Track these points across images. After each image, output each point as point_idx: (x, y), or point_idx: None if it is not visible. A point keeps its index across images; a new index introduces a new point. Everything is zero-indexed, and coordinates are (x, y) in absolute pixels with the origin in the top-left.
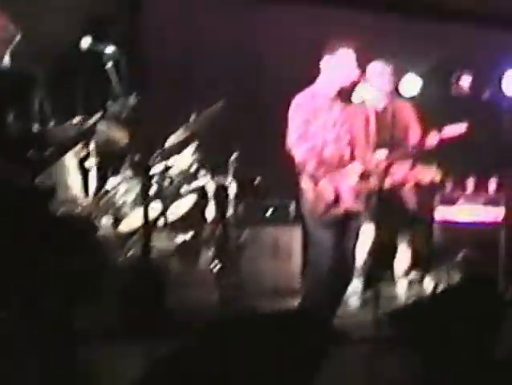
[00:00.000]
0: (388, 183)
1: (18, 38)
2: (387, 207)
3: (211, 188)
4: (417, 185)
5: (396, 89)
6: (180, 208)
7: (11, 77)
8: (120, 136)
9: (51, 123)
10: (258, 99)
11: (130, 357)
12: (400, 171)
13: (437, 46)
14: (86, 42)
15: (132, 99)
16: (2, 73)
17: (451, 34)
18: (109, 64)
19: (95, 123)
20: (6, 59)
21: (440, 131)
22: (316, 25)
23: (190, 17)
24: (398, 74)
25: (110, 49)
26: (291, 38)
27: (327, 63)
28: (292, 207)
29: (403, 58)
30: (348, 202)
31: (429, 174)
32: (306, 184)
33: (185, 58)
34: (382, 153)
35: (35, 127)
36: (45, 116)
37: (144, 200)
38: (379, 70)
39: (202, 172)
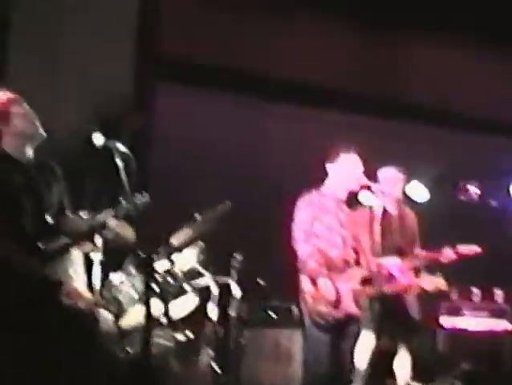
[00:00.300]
0: (390, 289)
1: (43, 136)
2: (388, 313)
3: (214, 288)
4: (421, 293)
5: (404, 196)
6: (182, 306)
7: (33, 169)
8: (127, 233)
9: (64, 216)
10: (262, 200)
11: None
12: (404, 278)
13: (445, 153)
14: (98, 138)
15: (140, 198)
16: (26, 166)
17: (459, 141)
18: (119, 162)
19: (105, 220)
20: (30, 153)
21: (453, 248)
22: (323, 129)
23: (196, 121)
24: (406, 181)
25: (121, 147)
26: (295, 141)
27: (335, 167)
28: (294, 310)
29: (410, 166)
30: (348, 306)
31: (435, 283)
32: (306, 284)
33: (192, 161)
34: (387, 260)
35: (49, 219)
36: (59, 209)
37: (146, 296)
38: (389, 176)
39: (205, 271)
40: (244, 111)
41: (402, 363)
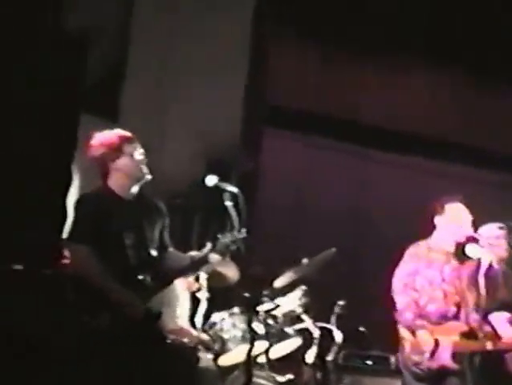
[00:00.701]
0: (493, 346)
1: (148, 178)
2: (490, 371)
3: (316, 332)
4: None
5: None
6: (284, 348)
7: (137, 206)
8: (232, 273)
9: (167, 251)
10: (366, 250)
11: None
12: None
13: None
14: (211, 180)
15: (238, 234)
16: (129, 203)
17: None
18: (229, 202)
19: (206, 255)
20: (135, 191)
21: None
22: (431, 180)
23: (305, 168)
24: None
25: (232, 188)
26: (402, 192)
27: (443, 219)
28: (393, 360)
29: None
30: (445, 359)
31: None
32: (404, 333)
33: (299, 205)
34: (495, 314)
35: (153, 253)
36: (163, 244)
37: (250, 336)
38: (494, 233)
39: (306, 316)
40: (348, 160)
41: None
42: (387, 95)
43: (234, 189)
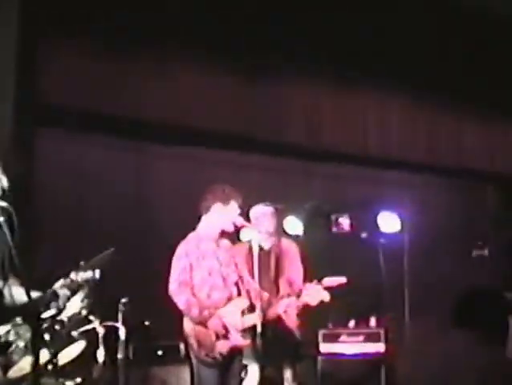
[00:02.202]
0: (273, 315)
1: None
2: (272, 342)
3: (101, 332)
4: (301, 319)
5: (283, 229)
6: (70, 352)
7: None
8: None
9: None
10: (145, 243)
11: None
12: (286, 303)
13: (317, 188)
14: None
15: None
16: None
17: (330, 177)
18: (1, 218)
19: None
20: None
21: (319, 281)
22: (202, 169)
23: (82, 167)
24: (281, 216)
25: (1, 203)
26: (174, 183)
27: (215, 209)
28: (182, 347)
29: (285, 201)
30: (235, 338)
31: (318, 297)
32: (190, 328)
33: (78, 205)
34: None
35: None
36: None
37: (33, 346)
38: (261, 212)
39: (92, 316)
40: (127, 156)
41: None
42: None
43: (5, 204)
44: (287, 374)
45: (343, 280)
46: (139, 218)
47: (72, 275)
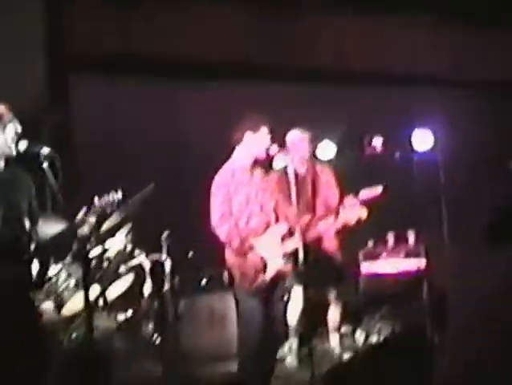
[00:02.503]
0: (312, 237)
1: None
2: (314, 265)
3: (147, 266)
4: (341, 240)
5: (314, 154)
6: (119, 287)
7: (6, 179)
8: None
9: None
10: (185, 177)
11: None
12: (325, 225)
13: (348, 111)
14: (22, 144)
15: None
16: None
17: (360, 98)
18: (45, 164)
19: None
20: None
21: (356, 194)
22: (234, 99)
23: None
24: (315, 141)
25: (45, 151)
26: (207, 115)
27: (246, 138)
28: (225, 275)
29: (317, 126)
30: (277, 264)
31: (355, 215)
32: (232, 259)
33: (112, 143)
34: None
35: (26, 225)
36: (34, 215)
37: (84, 283)
38: (297, 138)
39: (137, 251)
40: (153, 92)
41: (332, 311)
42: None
43: (48, 151)
44: (331, 295)
45: (378, 190)
46: (172, 153)
47: (96, 201)
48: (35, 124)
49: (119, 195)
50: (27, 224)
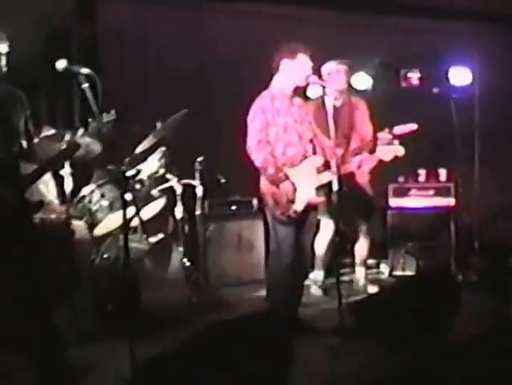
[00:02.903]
0: (347, 171)
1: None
2: (346, 198)
3: (178, 189)
4: (373, 175)
5: (349, 85)
6: (151, 209)
7: (2, 98)
8: (95, 147)
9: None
10: (218, 103)
11: (110, 356)
12: (360, 160)
13: (385, 43)
14: (61, 64)
15: (109, 116)
16: None
17: (398, 31)
18: (85, 84)
19: (76, 140)
20: None
21: (391, 129)
22: (268, 26)
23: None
24: (350, 72)
25: (85, 70)
26: (242, 41)
27: (284, 66)
28: (254, 202)
29: (354, 55)
30: (309, 195)
31: (392, 152)
32: (266, 186)
33: (144, 72)
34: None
35: (23, 145)
36: (29, 135)
37: (121, 203)
38: (334, 69)
39: (169, 174)
40: (190, 13)
41: (360, 243)
42: None
43: (88, 70)
44: (362, 228)
45: (414, 126)
46: (205, 77)
47: (91, 121)
48: (65, 40)
49: (112, 116)
50: (24, 144)
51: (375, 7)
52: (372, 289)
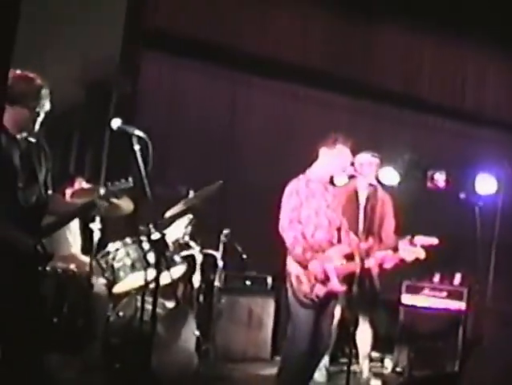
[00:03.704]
0: (369, 265)
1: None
2: (365, 290)
3: (199, 258)
4: (384, 269)
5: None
6: (171, 274)
7: (31, 148)
8: (126, 205)
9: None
10: (250, 178)
11: None
12: (383, 256)
13: (415, 141)
14: (116, 122)
15: (129, 184)
16: (23, 144)
17: (429, 130)
18: (137, 146)
19: (94, 201)
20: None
21: (412, 238)
22: (302, 107)
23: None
24: (380, 166)
25: (138, 132)
26: (283, 121)
27: (322, 154)
28: (269, 280)
29: (383, 150)
30: (334, 283)
31: (413, 253)
32: (292, 266)
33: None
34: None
35: (42, 196)
36: (48, 187)
37: (143, 264)
38: (367, 161)
39: (192, 243)
40: (226, 85)
41: (364, 335)
42: (262, 22)
43: (141, 133)
44: (366, 319)
45: (434, 241)
46: (232, 147)
47: (109, 185)
48: (105, 94)
49: (129, 183)
50: (43, 196)
51: (409, 104)
52: (375, 382)
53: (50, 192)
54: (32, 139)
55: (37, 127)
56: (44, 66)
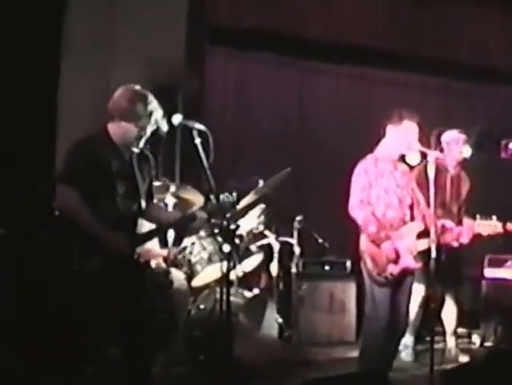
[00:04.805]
0: (445, 241)
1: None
2: (443, 266)
3: (276, 247)
4: (470, 244)
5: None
6: (248, 264)
7: (134, 157)
8: (197, 199)
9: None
10: (320, 164)
11: None
12: (459, 231)
13: (487, 112)
14: (177, 118)
15: (229, 198)
16: (126, 153)
17: (501, 100)
18: (198, 140)
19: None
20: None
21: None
22: (371, 89)
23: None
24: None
25: (199, 126)
26: (352, 104)
27: (389, 131)
28: (348, 264)
29: (446, 122)
30: (407, 261)
31: (490, 227)
32: (366, 245)
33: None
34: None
35: (142, 204)
36: (150, 196)
37: (219, 257)
38: (455, 138)
39: (268, 231)
40: (294, 74)
41: (449, 312)
42: (326, 8)
43: (202, 127)
44: (451, 296)
45: (499, 226)
46: (307, 138)
47: (212, 198)
48: (171, 92)
49: (233, 198)
50: (143, 204)
51: (472, 74)
52: (464, 358)
53: (154, 200)
54: (135, 150)
55: (142, 143)
56: (112, 69)
